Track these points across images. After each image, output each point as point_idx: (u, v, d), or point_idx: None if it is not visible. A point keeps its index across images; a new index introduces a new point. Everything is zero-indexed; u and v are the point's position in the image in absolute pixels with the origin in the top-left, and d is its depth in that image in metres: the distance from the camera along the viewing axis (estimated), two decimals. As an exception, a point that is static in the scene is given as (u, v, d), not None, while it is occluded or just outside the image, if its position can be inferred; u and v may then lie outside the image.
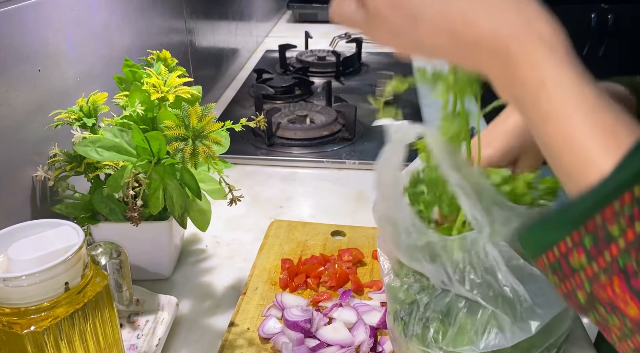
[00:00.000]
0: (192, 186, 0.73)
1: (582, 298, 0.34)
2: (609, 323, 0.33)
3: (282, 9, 2.59)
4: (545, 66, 0.34)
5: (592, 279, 0.32)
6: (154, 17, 1.16)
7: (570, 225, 0.32)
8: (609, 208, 0.30)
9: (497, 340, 0.53)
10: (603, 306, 0.33)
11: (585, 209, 0.32)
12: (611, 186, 0.30)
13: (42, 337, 0.52)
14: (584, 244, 0.32)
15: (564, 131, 0.33)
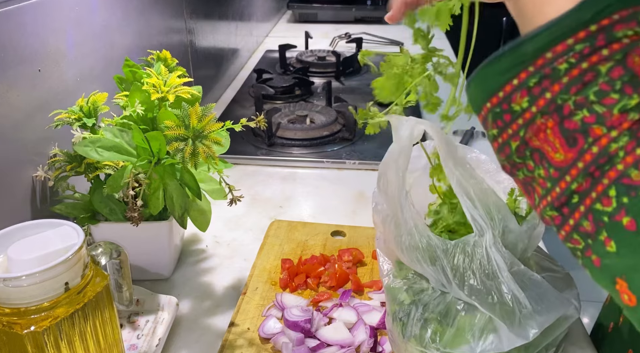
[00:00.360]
0: (192, 186, 0.73)
1: (514, 146, 0.34)
2: (535, 176, 0.33)
3: (282, 9, 2.59)
4: None
5: (529, 123, 0.33)
6: (154, 17, 1.16)
7: (521, 63, 0.32)
8: (562, 44, 0.31)
9: (493, 344, 0.53)
10: (532, 159, 0.33)
11: (540, 42, 0.31)
12: (570, 19, 0.31)
13: (42, 337, 0.52)
14: (528, 84, 0.32)
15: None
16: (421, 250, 0.55)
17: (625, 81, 0.29)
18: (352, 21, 2.42)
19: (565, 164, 0.31)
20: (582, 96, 0.30)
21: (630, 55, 0.29)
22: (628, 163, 0.29)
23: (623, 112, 0.29)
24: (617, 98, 0.29)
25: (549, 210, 0.34)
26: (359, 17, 2.43)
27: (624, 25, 0.30)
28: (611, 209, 0.30)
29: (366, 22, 2.41)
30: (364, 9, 2.43)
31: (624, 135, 0.29)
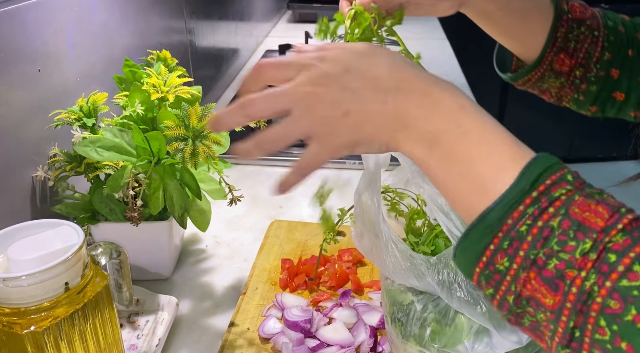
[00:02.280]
0: (192, 186, 0.73)
1: (511, 300, 0.38)
2: (539, 320, 0.38)
3: (282, 9, 2.59)
4: (462, 98, 0.42)
5: (515, 278, 0.37)
6: (154, 17, 1.16)
7: (491, 231, 0.38)
8: (516, 211, 0.37)
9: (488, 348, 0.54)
10: (530, 306, 0.38)
11: (500, 213, 0.37)
12: (516, 192, 0.37)
13: (42, 337, 0.52)
14: (503, 247, 0.37)
15: (483, 142, 0.40)
16: (406, 270, 0.56)
17: (575, 230, 0.35)
18: (352, 21, 2.42)
19: (557, 307, 0.36)
20: (547, 248, 0.36)
21: (570, 208, 0.36)
22: (603, 295, 0.34)
23: (583, 254, 0.35)
24: (575, 245, 0.35)
25: (561, 349, 0.37)
26: (359, 17, 2.42)
27: (557, 187, 0.37)
28: (608, 338, 0.34)
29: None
30: (364, 9, 2.42)
31: (592, 273, 0.34)
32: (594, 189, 0.38)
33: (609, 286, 0.34)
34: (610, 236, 0.35)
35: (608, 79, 0.69)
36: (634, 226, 0.36)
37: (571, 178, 0.38)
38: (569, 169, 0.39)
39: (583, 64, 0.68)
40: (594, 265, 0.35)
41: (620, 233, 0.35)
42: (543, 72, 0.69)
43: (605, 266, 0.34)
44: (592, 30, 0.68)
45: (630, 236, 0.35)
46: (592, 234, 0.35)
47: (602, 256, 0.35)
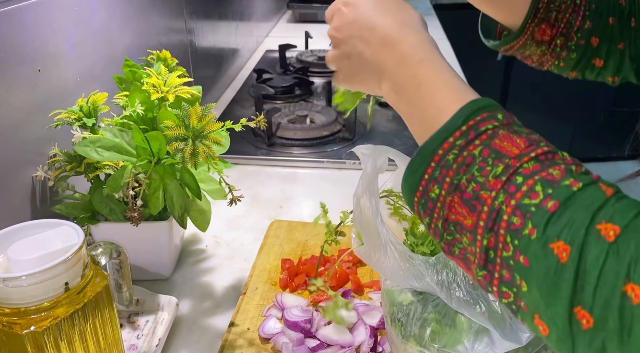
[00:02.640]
0: (192, 186, 0.73)
1: (440, 225, 0.43)
2: (465, 246, 0.41)
3: (282, 9, 2.59)
4: (426, 51, 0.49)
5: (443, 203, 0.42)
6: (154, 17, 1.16)
7: (425, 161, 0.43)
8: (446, 142, 0.42)
9: (487, 348, 0.54)
10: (456, 231, 0.42)
11: (434, 145, 0.42)
12: (449, 126, 0.42)
13: (42, 337, 0.52)
14: (434, 175, 0.42)
15: (431, 91, 0.46)
16: (405, 271, 0.56)
17: (493, 157, 0.40)
18: (352, 21, 2.42)
19: (473, 226, 0.40)
20: (469, 174, 0.40)
21: (493, 140, 0.40)
22: (508, 213, 0.37)
23: (495, 177, 0.39)
24: (490, 169, 0.39)
25: (479, 271, 0.41)
26: (359, 17, 2.42)
27: (486, 122, 0.41)
28: (512, 253, 0.37)
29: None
30: (364, 9, 2.42)
31: (501, 193, 0.38)
32: (524, 129, 0.42)
33: (513, 204, 0.37)
34: (522, 162, 0.39)
35: (588, 47, 0.72)
36: (547, 157, 0.39)
37: (501, 116, 0.42)
38: (503, 111, 0.42)
39: (564, 34, 0.71)
40: (503, 186, 0.38)
41: (532, 160, 0.39)
42: (525, 42, 0.73)
43: (512, 187, 0.38)
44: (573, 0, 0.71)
45: (540, 163, 0.38)
46: (506, 159, 0.39)
47: (511, 179, 0.38)
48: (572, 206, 0.36)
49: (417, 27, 0.51)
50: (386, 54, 0.50)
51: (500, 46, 0.75)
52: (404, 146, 1.22)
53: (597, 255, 0.33)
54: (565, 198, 0.36)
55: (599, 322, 0.33)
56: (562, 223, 0.35)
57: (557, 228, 0.35)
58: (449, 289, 0.54)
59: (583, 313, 0.34)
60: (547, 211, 0.36)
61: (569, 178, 0.37)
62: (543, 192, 0.37)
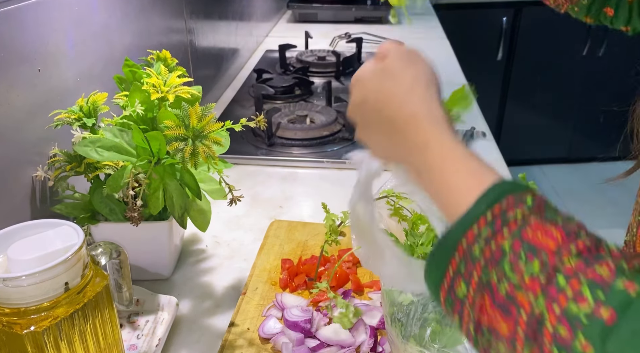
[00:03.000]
0: (192, 186, 0.73)
1: (472, 329, 0.38)
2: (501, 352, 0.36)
3: (282, 9, 2.59)
4: (430, 133, 0.45)
5: (472, 305, 0.37)
6: (154, 17, 1.16)
7: (448, 254, 0.38)
8: (470, 232, 0.37)
9: None
10: (492, 336, 0.36)
11: (456, 235, 0.38)
12: (472, 214, 0.38)
13: (42, 337, 0.52)
14: (460, 270, 0.37)
15: (443, 177, 0.43)
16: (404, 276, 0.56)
17: (526, 251, 0.35)
18: (352, 21, 2.42)
19: (510, 335, 0.35)
20: (499, 270, 0.35)
21: (523, 230, 0.35)
22: (553, 321, 0.32)
23: (532, 277, 0.34)
24: (524, 266, 0.34)
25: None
26: (359, 17, 2.42)
27: (513, 209, 0.36)
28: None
29: (366, 22, 2.41)
30: (364, 9, 2.42)
31: (540, 297, 0.33)
32: (558, 214, 0.37)
33: (558, 313, 0.32)
34: (562, 258, 0.34)
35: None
36: (590, 252, 0.34)
37: (530, 200, 0.37)
38: (532, 193, 0.38)
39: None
40: (543, 288, 0.33)
41: (574, 256, 0.34)
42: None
43: (554, 290, 0.33)
44: None
45: (583, 260, 0.33)
46: (542, 256, 0.34)
47: (551, 279, 0.33)
48: (633, 316, 0.31)
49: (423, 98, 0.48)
50: (395, 137, 0.48)
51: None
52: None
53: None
54: (622, 306, 0.31)
55: None
56: (624, 338, 0.30)
57: (619, 344, 0.30)
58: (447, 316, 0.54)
59: None
60: (602, 323, 0.31)
61: (622, 278, 0.32)
62: (593, 297, 0.32)
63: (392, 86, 0.49)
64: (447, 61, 1.89)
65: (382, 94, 0.49)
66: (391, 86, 0.49)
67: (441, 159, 0.43)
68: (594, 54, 2.95)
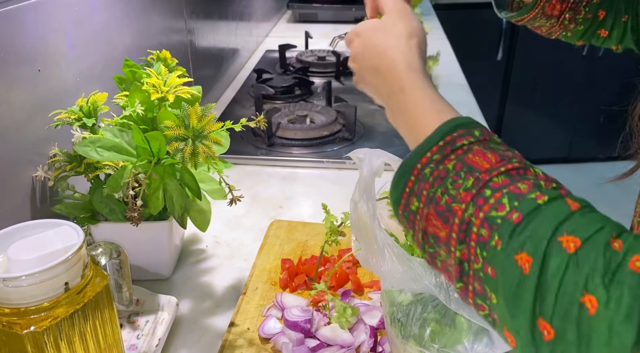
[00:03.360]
0: (192, 186, 0.73)
1: (420, 237, 0.44)
2: (444, 259, 0.42)
3: (282, 9, 2.59)
4: (405, 80, 0.52)
5: (422, 216, 0.43)
6: (154, 17, 1.16)
7: (405, 174, 0.45)
8: (424, 157, 0.44)
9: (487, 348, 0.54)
10: (435, 243, 0.43)
11: (413, 160, 0.44)
12: (427, 142, 0.44)
13: (42, 337, 0.52)
14: (414, 189, 0.44)
15: (414, 117, 0.50)
16: (403, 274, 0.56)
17: (465, 171, 0.41)
18: (352, 21, 2.42)
19: (447, 238, 0.41)
20: (443, 187, 0.42)
21: (466, 155, 0.42)
22: (477, 225, 0.38)
23: (466, 190, 0.40)
24: (461, 182, 0.41)
25: (456, 284, 0.42)
26: (359, 17, 2.42)
27: (462, 139, 0.43)
28: (481, 265, 0.38)
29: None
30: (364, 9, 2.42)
31: (470, 205, 0.39)
32: (501, 146, 0.43)
33: (482, 217, 0.38)
34: (492, 176, 0.40)
35: (595, 20, 0.78)
36: (518, 172, 0.40)
37: (478, 133, 0.43)
38: (482, 129, 0.44)
39: (573, 8, 0.77)
40: (473, 198, 0.40)
41: (502, 174, 0.40)
42: (535, 15, 0.78)
43: (481, 200, 0.39)
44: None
45: (509, 178, 0.40)
46: (476, 173, 0.40)
47: (480, 192, 0.39)
48: (536, 218, 0.36)
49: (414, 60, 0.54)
50: (381, 83, 0.56)
51: (512, 17, 0.81)
52: (403, 146, 1.21)
53: (558, 266, 0.34)
54: (529, 211, 0.37)
55: (559, 333, 0.33)
56: (525, 234, 0.36)
57: (520, 239, 0.36)
58: (447, 290, 0.54)
59: (544, 324, 0.34)
60: (512, 222, 0.37)
61: (536, 191, 0.38)
62: (509, 205, 0.37)
63: (381, 37, 0.56)
64: (447, 61, 1.89)
65: (371, 45, 0.57)
66: (380, 37, 0.56)
67: (413, 101, 0.50)
68: (594, 54, 2.95)
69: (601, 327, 0.32)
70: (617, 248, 0.33)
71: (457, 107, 0.52)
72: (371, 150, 0.63)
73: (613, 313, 0.31)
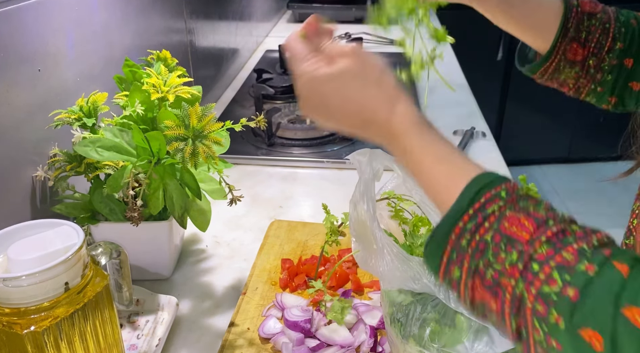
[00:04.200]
0: (192, 186, 0.73)
1: (469, 305, 0.44)
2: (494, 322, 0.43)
3: (282, 9, 2.59)
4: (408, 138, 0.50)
5: (466, 286, 0.43)
6: (154, 17, 1.16)
7: (441, 245, 0.44)
8: (457, 227, 0.43)
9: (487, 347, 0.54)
10: (486, 311, 0.42)
11: (445, 229, 0.43)
12: (456, 210, 0.43)
13: (42, 337, 0.52)
14: (452, 258, 0.43)
15: (427, 179, 0.48)
16: (402, 273, 0.56)
17: (505, 243, 0.41)
18: (352, 21, 2.41)
19: (499, 310, 0.41)
20: (485, 259, 0.41)
21: (501, 223, 0.42)
22: (531, 300, 0.39)
23: (512, 265, 0.40)
24: (504, 256, 0.40)
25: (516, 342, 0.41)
26: (359, 17, 2.42)
27: (491, 203, 0.42)
28: (543, 337, 0.38)
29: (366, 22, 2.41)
30: (364, 9, 2.42)
31: (519, 281, 0.39)
32: (529, 202, 0.43)
33: (534, 293, 0.38)
34: (535, 247, 0.40)
35: (622, 67, 0.71)
36: (558, 238, 0.40)
37: (505, 194, 0.43)
38: (506, 185, 0.43)
39: (595, 54, 0.72)
40: (521, 274, 0.39)
41: (544, 244, 0.40)
42: (558, 62, 0.73)
43: (530, 275, 0.39)
44: (603, 23, 0.71)
45: (552, 247, 0.39)
46: (518, 246, 0.40)
47: (527, 266, 0.39)
48: (592, 293, 0.36)
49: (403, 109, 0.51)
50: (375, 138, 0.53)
51: (536, 68, 0.75)
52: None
53: (630, 344, 0.34)
54: (584, 286, 0.37)
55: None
56: (586, 311, 0.36)
57: (583, 316, 0.36)
58: (447, 289, 0.54)
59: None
60: (569, 300, 0.37)
61: (584, 262, 0.38)
62: (561, 279, 0.38)
63: (358, 90, 0.53)
64: (447, 61, 1.89)
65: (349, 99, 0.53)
66: (357, 89, 0.53)
67: (421, 163, 0.49)
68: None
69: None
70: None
71: (458, 107, 0.51)
72: (371, 150, 0.63)
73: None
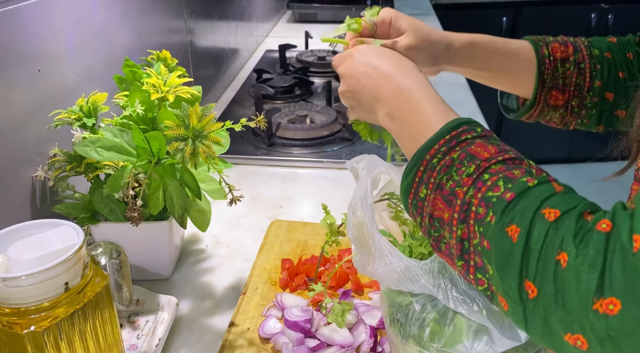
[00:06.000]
0: (192, 186, 0.73)
1: (427, 222, 0.49)
2: (448, 241, 0.47)
3: (282, 9, 2.59)
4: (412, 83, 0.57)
5: (429, 202, 0.48)
6: (154, 17, 1.16)
7: (416, 166, 0.50)
8: (433, 149, 0.49)
9: (487, 347, 0.54)
10: (439, 226, 0.48)
11: (423, 152, 0.50)
12: (436, 136, 0.50)
13: (42, 337, 0.52)
14: (423, 178, 0.49)
15: (423, 112, 0.54)
16: (401, 274, 0.56)
17: (468, 159, 0.47)
18: (352, 21, 2.42)
19: (450, 219, 0.46)
20: (448, 174, 0.47)
21: (470, 146, 0.47)
22: (476, 204, 0.44)
23: (468, 175, 0.46)
24: (464, 169, 0.46)
25: (458, 262, 0.46)
26: (359, 17, 2.42)
27: (466, 133, 0.49)
28: (479, 240, 0.43)
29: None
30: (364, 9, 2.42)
31: (470, 188, 0.45)
32: (500, 142, 0.48)
33: (480, 197, 0.44)
34: (491, 163, 0.45)
35: (604, 102, 0.74)
36: (514, 162, 0.46)
37: (480, 130, 0.49)
38: (483, 127, 0.50)
39: (576, 95, 0.74)
40: (473, 182, 0.45)
41: (499, 162, 0.45)
42: (541, 109, 0.76)
43: (480, 183, 0.45)
44: (577, 64, 0.73)
45: (505, 165, 0.45)
46: (477, 161, 0.46)
47: (480, 176, 0.45)
48: (525, 196, 0.42)
49: (413, 70, 0.59)
50: (385, 85, 0.59)
51: (520, 115, 0.79)
52: (404, 146, 1.22)
53: (540, 232, 0.39)
54: (521, 191, 0.42)
55: (540, 290, 0.38)
56: (516, 210, 0.41)
57: (512, 214, 0.41)
58: (445, 289, 0.54)
59: (529, 284, 0.39)
60: (505, 200, 0.42)
61: (527, 176, 0.43)
62: (504, 186, 0.43)
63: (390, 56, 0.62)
64: (447, 61, 1.89)
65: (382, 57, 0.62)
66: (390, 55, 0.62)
67: (423, 100, 0.55)
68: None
69: (571, 277, 0.36)
70: (588, 219, 0.38)
71: (457, 107, 0.54)
72: (369, 156, 0.64)
73: (580, 264, 0.36)
